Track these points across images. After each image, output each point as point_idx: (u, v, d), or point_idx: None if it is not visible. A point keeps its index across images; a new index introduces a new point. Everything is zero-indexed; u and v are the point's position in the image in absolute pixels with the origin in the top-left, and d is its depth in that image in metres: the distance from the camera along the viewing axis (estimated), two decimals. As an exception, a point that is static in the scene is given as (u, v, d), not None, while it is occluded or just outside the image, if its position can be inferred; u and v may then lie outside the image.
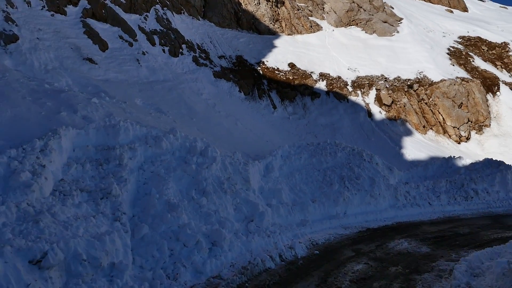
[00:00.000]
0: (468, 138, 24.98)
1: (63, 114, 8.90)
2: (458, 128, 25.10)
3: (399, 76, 27.44)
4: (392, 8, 37.70)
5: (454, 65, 29.24)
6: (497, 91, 27.84)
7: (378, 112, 24.96)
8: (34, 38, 15.62)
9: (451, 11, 44.71)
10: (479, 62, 30.63)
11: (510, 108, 26.87)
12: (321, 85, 26.43)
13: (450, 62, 29.61)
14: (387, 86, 26.42)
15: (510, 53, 32.76)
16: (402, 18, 35.96)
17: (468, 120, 25.55)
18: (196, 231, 7.01)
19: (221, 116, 19.12)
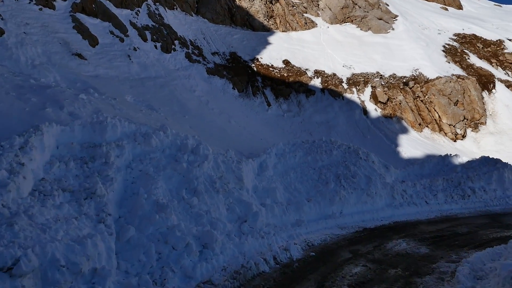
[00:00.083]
0: (464, 136, 24.80)
1: (48, 110, 8.52)
2: (454, 126, 24.90)
3: (394, 74, 27.17)
4: (387, 5, 37.44)
5: (449, 62, 29.05)
6: (492, 88, 27.68)
7: (374, 110, 24.69)
8: (21, 32, 15.13)
9: (446, 9, 44.57)
10: (475, 60, 30.47)
11: (506, 105, 26.72)
12: (316, 82, 26.10)
13: (446, 60, 29.40)
14: (383, 84, 26.15)
15: (505, 50, 32.63)
16: (397, 15, 35.71)
17: (464, 118, 25.35)
18: (186, 233, 6.64)
19: (214, 113, 18.73)
